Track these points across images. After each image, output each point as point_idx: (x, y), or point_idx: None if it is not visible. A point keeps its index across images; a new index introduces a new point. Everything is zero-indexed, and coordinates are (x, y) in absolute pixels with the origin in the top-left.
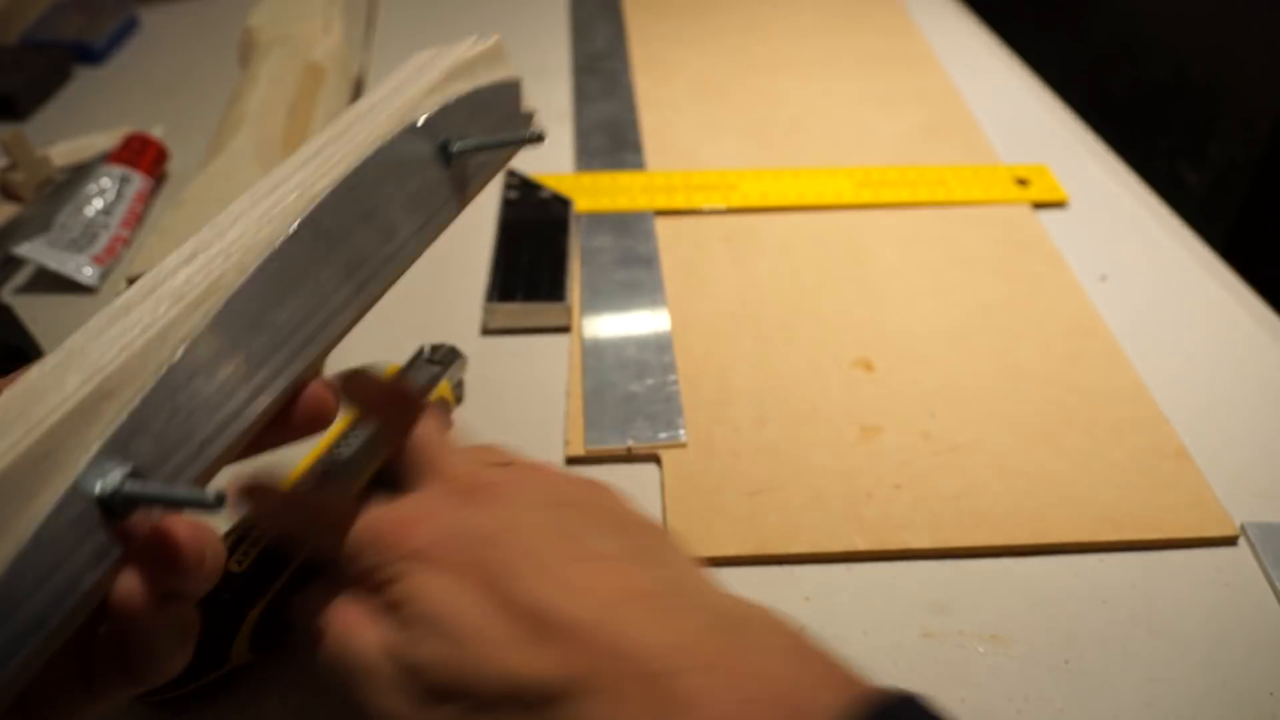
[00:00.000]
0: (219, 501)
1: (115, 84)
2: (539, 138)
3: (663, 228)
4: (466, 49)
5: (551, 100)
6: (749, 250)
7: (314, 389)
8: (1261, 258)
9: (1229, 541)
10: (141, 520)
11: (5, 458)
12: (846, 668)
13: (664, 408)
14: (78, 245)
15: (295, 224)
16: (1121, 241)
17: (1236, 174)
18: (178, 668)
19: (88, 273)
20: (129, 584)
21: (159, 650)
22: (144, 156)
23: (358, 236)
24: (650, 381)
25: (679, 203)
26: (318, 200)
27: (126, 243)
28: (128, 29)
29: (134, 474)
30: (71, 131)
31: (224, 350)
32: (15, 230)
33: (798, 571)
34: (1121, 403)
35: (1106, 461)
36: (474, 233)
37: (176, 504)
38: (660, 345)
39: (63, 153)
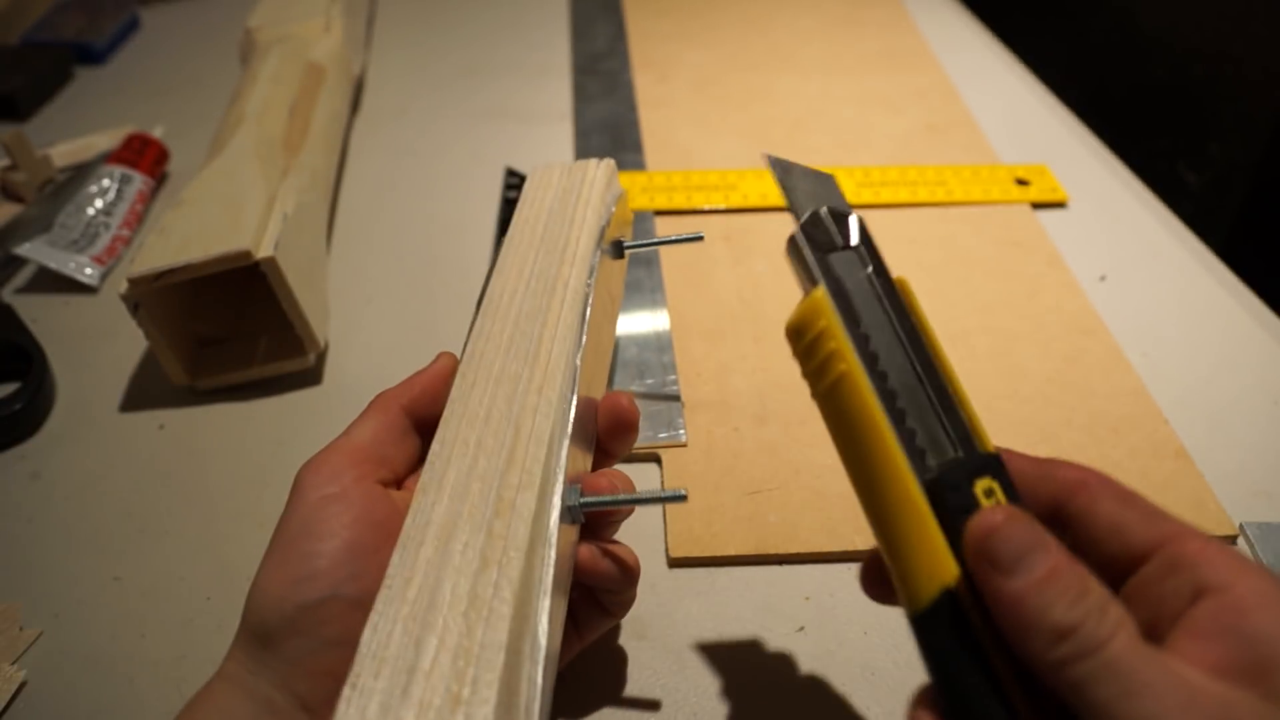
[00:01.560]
0: (684, 497)
1: (116, 84)
2: (699, 238)
3: (662, 228)
4: (596, 169)
5: (551, 100)
6: (748, 250)
7: (604, 415)
8: (1261, 258)
9: (1228, 541)
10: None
11: (527, 496)
12: None
13: (664, 408)
14: (78, 245)
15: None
16: (1121, 241)
17: (1236, 174)
18: (632, 599)
19: (89, 273)
20: (586, 551)
21: (619, 587)
22: (145, 156)
23: (603, 334)
24: (650, 381)
25: (679, 203)
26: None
27: (127, 243)
28: (129, 29)
29: (581, 491)
30: (72, 131)
31: (577, 421)
32: (16, 230)
33: (798, 571)
34: (1121, 403)
35: (1106, 461)
36: (474, 233)
37: (649, 503)
38: (660, 345)
39: (63, 153)
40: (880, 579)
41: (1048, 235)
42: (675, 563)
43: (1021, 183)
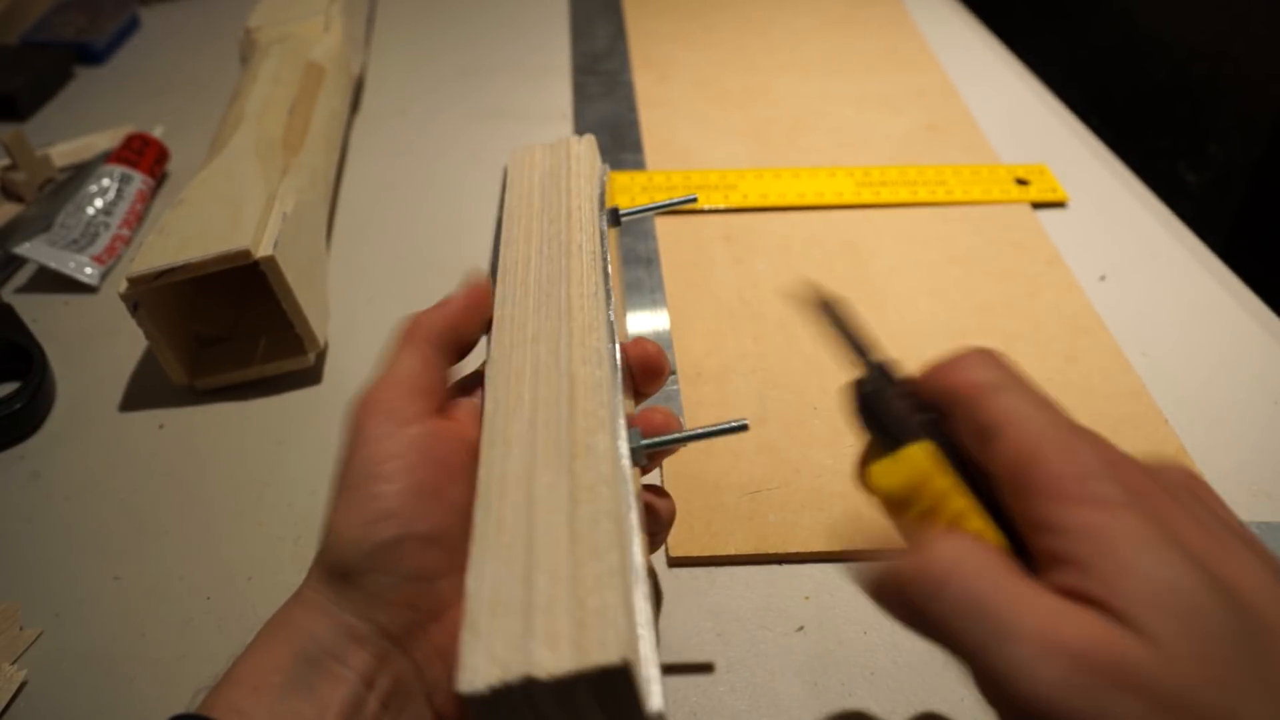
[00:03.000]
0: (745, 427)
1: (116, 84)
2: (693, 200)
3: (663, 228)
4: (579, 145)
5: (551, 100)
6: (749, 250)
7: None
8: (1261, 258)
9: None
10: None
11: (600, 437)
12: None
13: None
14: (78, 245)
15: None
16: (1121, 241)
17: (1236, 174)
18: (666, 536)
19: (88, 272)
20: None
21: (664, 521)
22: (144, 156)
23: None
24: None
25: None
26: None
27: (127, 242)
28: (129, 29)
29: (641, 433)
30: (72, 131)
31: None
32: (16, 230)
33: (798, 571)
34: (1121, 403)
35: None
36: (474, 232)
37: (710, 436)
38: (660, 345)
39: (63, 153)
40: None
41: (1047, 235)
42: (675, 562)
43: (1021, 182)
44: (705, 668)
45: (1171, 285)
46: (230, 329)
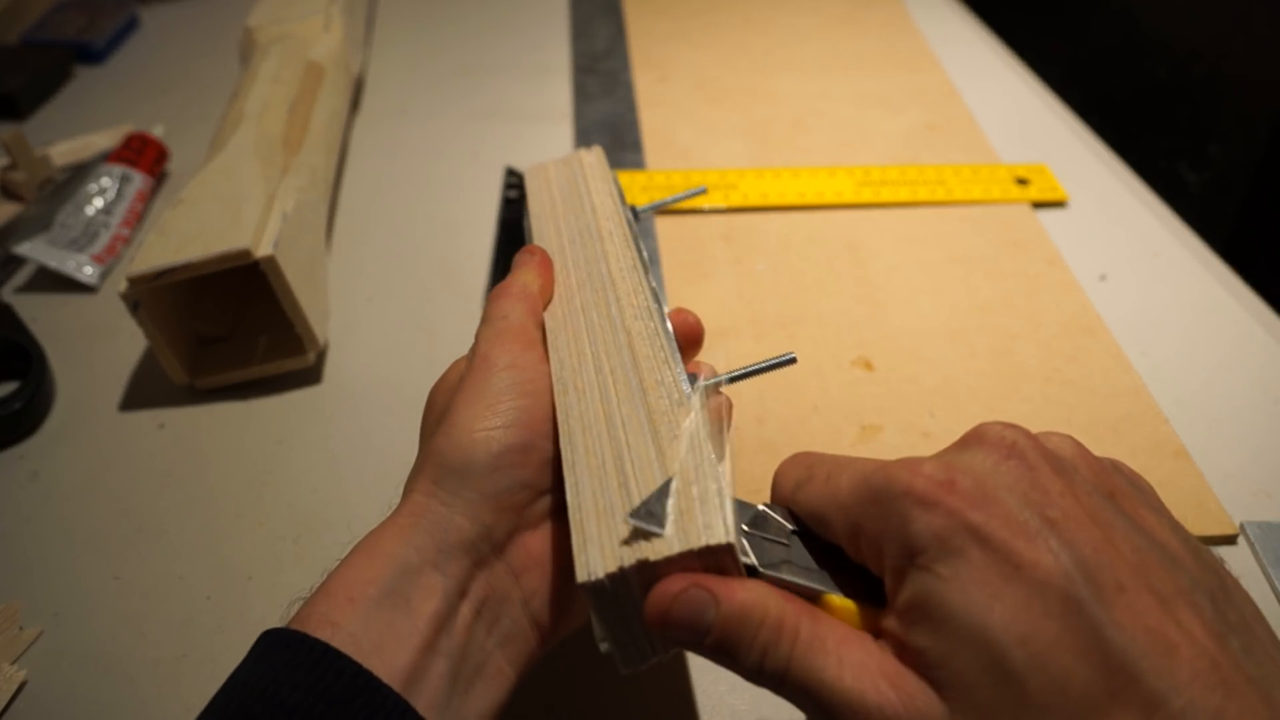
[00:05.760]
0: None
1: (116, 83)
2: (702, 191)
3: (663, 227)
4: (588, 155)
5: (551, 99)
6: (749, 249)
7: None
8: (1261, 258)
9: (1228, 540)
10: None
11: (666, 373)
12: None
13: None
14: (78, 244)
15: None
16: (1121, 241)
17: (1236, 174)
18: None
19: (88, 272)
20: None
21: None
22: (144, 156)
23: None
24: None
25: (679, 202)
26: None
27: (127, 242)
28: (128, 29)
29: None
30: (72, 131)
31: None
32: (16, 229)
33: None
34: (1121, 402)
35: None
36: (474, 232)
37: (764, 370)
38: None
39: (63, 152)
40: None
41: (1047, 235)
42: None
43: (1021, 182)
44: (704, 667)
45: (1172, 285)
46: (230, 329)
